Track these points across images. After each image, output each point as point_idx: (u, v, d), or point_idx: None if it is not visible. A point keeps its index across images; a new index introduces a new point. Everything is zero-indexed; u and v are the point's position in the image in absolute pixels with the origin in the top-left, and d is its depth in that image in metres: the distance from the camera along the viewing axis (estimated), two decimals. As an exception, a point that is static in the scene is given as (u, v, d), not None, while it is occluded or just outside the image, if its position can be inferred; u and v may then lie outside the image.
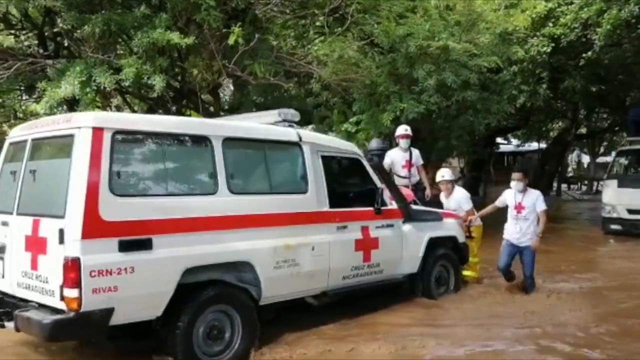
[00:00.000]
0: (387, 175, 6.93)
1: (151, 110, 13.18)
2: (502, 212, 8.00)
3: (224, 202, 5.07)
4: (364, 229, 6.38)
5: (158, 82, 8.56)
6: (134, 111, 13.03)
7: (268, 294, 5.36)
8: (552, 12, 13.46)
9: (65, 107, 10.73)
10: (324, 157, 6.11)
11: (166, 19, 8.76)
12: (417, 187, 9.06)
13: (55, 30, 9.74)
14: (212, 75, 10.22)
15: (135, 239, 4.47)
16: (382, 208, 6.54)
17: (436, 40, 10.50)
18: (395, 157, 9.15)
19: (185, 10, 9.15)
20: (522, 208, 7.43)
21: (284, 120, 6.11)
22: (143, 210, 4.56)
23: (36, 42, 10.44)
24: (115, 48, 10.16)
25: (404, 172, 9.05)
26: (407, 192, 8.03)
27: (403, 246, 6.84)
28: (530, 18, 12.86)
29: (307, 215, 5.78)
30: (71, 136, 4.51)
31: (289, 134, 5.91)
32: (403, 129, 9.21)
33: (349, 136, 11.59)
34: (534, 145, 29.78)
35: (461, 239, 7.78)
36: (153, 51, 8.87)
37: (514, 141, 30.31)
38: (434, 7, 11.28)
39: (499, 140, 27.32)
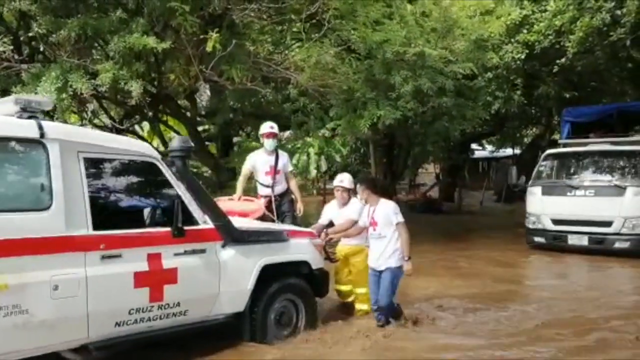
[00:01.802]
0: (196, 184, 5.29)
1: (128, 115, 13.14)
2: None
3: None
4: (153, 258, 4.69)
5: (136, 88, 8.52)
6: (110, 117, 12.94)
7: None
8: (526, 19, 13.71)
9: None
10: (89, 160, 4.54)
11: (143, 23, 8.73)
12: (283, 198, 7.70)
13: (31, 34, 9.62)
14: (189, 80, 10.21)
15: None
16: (187, 228, 4.86)
17: (412, 46, 10.61)
18: (257, 161, 7.69)
19: (162, 15, 9.13)
20: (375, 224, 6.07)
21: (24, 110, 4.41)
22: None
23: (11, 46, 10.30)
24: (92, 53, 10.08)
25: (266, 179, 7.56)
26: (255, 207, 6.92)
27: (220, 278, 5.12)
28: (504, 25, 13.12)
29: (46, 241, 4.17)
30: None
31: (25, 127, 4.27)
32: (268, 127, 7.64)
33: (326, 141, 11.68)
34: (508, 151, 30.17)
35: (317, 264, 6.06)
36: (130, 56, 8.83)
37: (489, 147, 30.71)
38: (410, 14, 11.41)
39: (473, 146, 27.67)
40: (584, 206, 11.05)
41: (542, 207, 11.70)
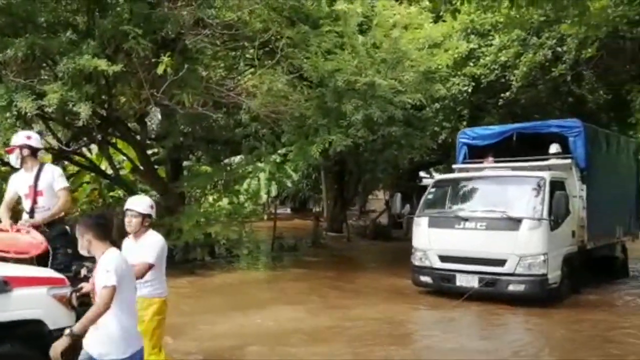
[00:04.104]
0: None
1: (75, 137, 12.89)
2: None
3: None
4: None
5: (84, 110, 8.41)
6: (57, 139, 12.67)
7: None
8: (473, 52, 14.21)
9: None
10: None
11: (94, 45, 8.67)
12: (52, 229, 5.51)
13: (-25, 52, 9.42)
14: (139, 103, 10.13)
15: None
16: None
17: (363, 76, 10.85)
18: (17, 182, 5.77)
19: (113, 38, 9.08)
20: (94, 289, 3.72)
21: None
22: None
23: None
24: (39, 73, 9.90)
25: (27, 204, 5.65)
26: (30, 241, 5.08)
27: None
28: (452, 58, 13.56)
29: None
30: None
31: None
32: (22, 137, 5.77)
33: (278, 167, 11.74)
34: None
35: (59, 322, 4.12)
36: (79, 77, 8.73)
37: (436, 175, 31.33)
38: (361, 45, 11.66)
39: (422, 174, 28.19)
40: (475, 241, 9.37)
41: (428, 241, 9.97)
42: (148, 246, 4.66)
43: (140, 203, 4.74)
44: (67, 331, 3.47)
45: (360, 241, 20.24)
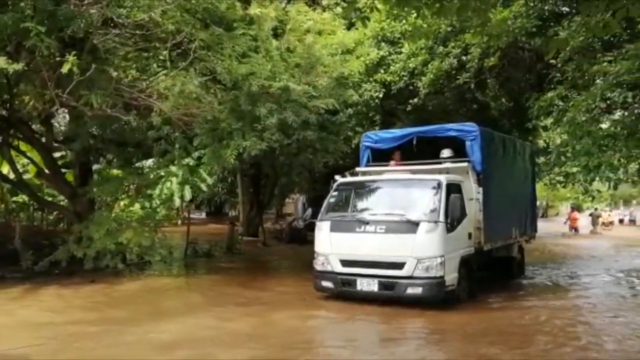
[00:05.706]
0: None
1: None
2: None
3: None
4: None
5: (-20, 109, 8.02)
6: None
7: None
8: (383, 59, 14.69)
9: None
10: None
11: (-7, 42, 8.27)
12: None
13: None
14: (44, 104, 9.74)
15: None
16: None
17: (277, 80, 10.93)
18: None
19: (14, 35, 8.69)
20: None
21: None
22: None
23: None
24: None
25: None
26: None
27: None
28: (364, 64, 13.95)
29: None
30: None
31: None
32: None
33: (191, 170, 11.59)
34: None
35: None
36: (-23, 75, 8.31)
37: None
38: (275, 49, 11.75)
39: (337, 177, 28.63)
40: (375, 245, 9.40)
41: (330, 245, 9.86)
42: None
43: None
44: None
45: (276, 245, 20.30)
